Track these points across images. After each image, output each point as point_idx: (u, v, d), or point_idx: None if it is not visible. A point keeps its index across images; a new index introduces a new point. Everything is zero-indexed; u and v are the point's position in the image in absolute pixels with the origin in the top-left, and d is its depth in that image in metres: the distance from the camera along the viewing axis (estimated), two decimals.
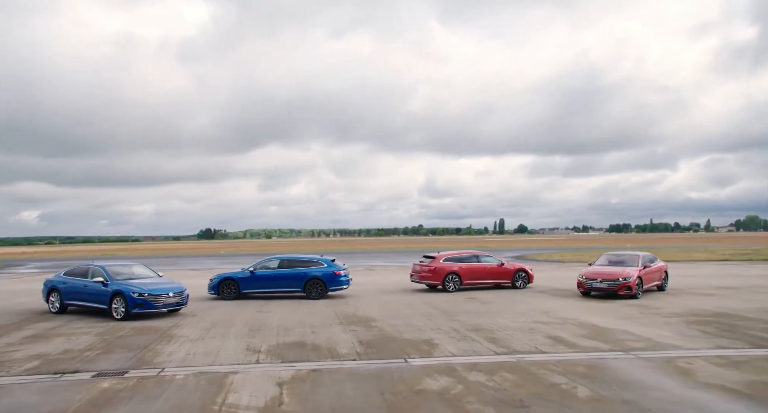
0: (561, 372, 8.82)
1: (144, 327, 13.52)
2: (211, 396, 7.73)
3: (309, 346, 11.15)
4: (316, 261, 18.98)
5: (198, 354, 10.53)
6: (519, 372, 8.83)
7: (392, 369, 9.22)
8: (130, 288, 14.66)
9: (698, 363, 9.35)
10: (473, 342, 11.26)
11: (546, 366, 9.19)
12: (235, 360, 10.05)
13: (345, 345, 11.14)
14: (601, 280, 17.89)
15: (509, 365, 9.34)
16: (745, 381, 8.18)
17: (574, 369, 8.96)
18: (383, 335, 12.19)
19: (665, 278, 19.80)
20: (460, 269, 20.19)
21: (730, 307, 15.69)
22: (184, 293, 15.56)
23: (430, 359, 9.90)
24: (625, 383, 8.14)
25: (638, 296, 17.60)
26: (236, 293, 18.57)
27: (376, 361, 9.79)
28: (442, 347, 10.87)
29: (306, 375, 8.90)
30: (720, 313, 14.65)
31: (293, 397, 7.64)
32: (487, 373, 8.80)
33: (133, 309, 14.47)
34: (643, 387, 7.92)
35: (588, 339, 11.42)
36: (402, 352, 10.46)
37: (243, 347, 11.12)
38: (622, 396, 7.48)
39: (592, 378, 8.39)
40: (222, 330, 13.00)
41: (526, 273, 21.07)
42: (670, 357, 9.81)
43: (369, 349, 10.79)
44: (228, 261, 46.95)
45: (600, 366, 9.21)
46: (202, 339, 12.00)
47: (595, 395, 7.54)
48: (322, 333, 12.53)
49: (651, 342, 11.16)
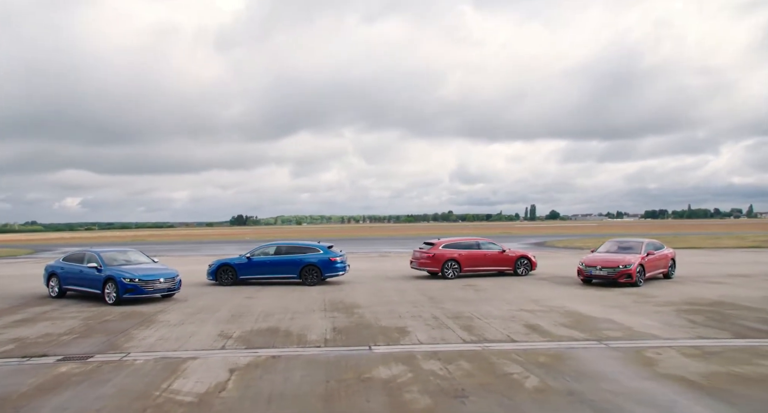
0: (521, 361, 8.62)
1: (131, 312, 13.73)
2: (158, 381, 7.78)
3: (281, 332, 11.15)
4: (313, 247, 18.99)
5: (170, 340, 10.63)
6: (477, 361, 8.66)
7: (352, 356, 9.14)
8: (121, 274, 14.90)
9: (668, 353, 9.03)
10: (447, 330, 11.10)
11: (509, 356, 8.99)
12: (203, 345, 10.10)
13: (317, 332, 11.11)
14: (600, 268, 17.47)
15: (471, 354, 9.17)
16: (707, 371, 7.87)
17: (536, 359, 8.75)
18: (360, 322, 12.12)
19: (672, 266, 19.22)
20: (460, 256, 19.96)
21: (732, 296, 15.15)
22: (176, 279, 15.74)
23: (394, 347, 9.79)
24: (581, 373, 7.90)
25: (639, 284, 17.13)
26: (233, 279, 18.74)
27: (339, 348, 9.72)
28: (413, 335, 10.74)
29: (263, 361, 8.89)
30: (718, 302, 14.15)
31: (238, 383, 7.63)
32: (444, 362, 8.65)
33: (124, 295, 14.70)
34: (597, 377, 7.67)
35: (566, 328, 11.15)
36: (370, 340, 10.37)
37: (216, 333, 11.19)
38: (570, 386, 7.26)
39: (550, 368, 8.17)
40: (205, 316, 13.11)
41: (528, 261, 20.70)
42: (643, 347, 9.50)
43: (339, 336, 10.73)
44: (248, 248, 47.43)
45: (564, 355, 8.98)
46: (182, 325, 12.11)
47: (542, 385, 7.33)
48: (301, 319, 12.52)
49: (630, 331, 10.83)
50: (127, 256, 16.60)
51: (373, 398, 6.94)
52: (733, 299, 14.61)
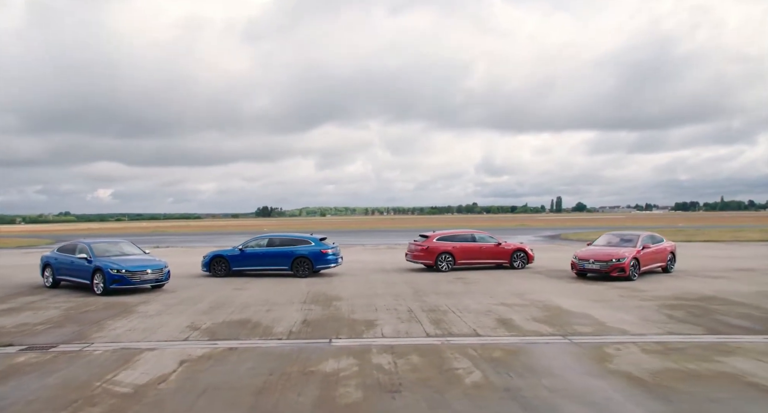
0: (474, 356, 8.51)
1: (114, 303, 13.94)
2: (105, 372, 7.87)
3: (250, 325, 11.19)
4: (304, 239, 19.02)
5: (138, 330, 10.75)
6: (430, 356, 8.57)
7: (308, 349, 9.13)
8: (108, 265, 15.12)
9: (629, 349, 8.82)
10: (415, 324, 11.02)
11: (464, 350, 8.88)
12: (168, 337, 10.19)
13: (285, 324, 11.13)
14: (593, 261, 17.15)
15: (427, 348, 9.08)
16: (659, 368, 7.66)
17: (490, 354, 8.62)
18: (333, 315, 12.10)
19: (671, 259, 18.77)
20: (454, 248, 19.79)
21: (725, 290, 14.74)
22: (164, 270, 15.92)
23: (355, 340, 9.76)
24: (529, 369, 7.76)
25: (633, 278, 16.77)
26: (227, 270, 18.89)
27: (300, 341, 9.73)
28: (379, 328, 10.69)
29: (218, 353, 8.94)
30: (708, 297, 13.78)
31: (181, 375, 7.68)
32: (396, 356, 8.59)
33: (111, 285, 14.93)
34: (543, 373, 7.53)
35: (537, 323, 10.97)
36: (334, 333, 10.35)
37: (186, 324, 11.28)
38: (510, 383, 7.13)
39: (499, 364, 8.05)
40: (184, 307, 13.23)
41: (525, 254, 20.43)
42: (607, 342, 9.30)
43: (305, 329, 10.73)
44: None
45: (521, 351, 8.83)
46: (158, 315, 12.25)
47: (482, 381, 7.22)
48: (276, 311, 12.56)
49: (602, 326, 10.61)
50: (119, 248, 16.84)
51: (306, 392, 6.90)
52: (725, 294, 14.21)
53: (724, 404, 6.34)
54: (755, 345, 9.01)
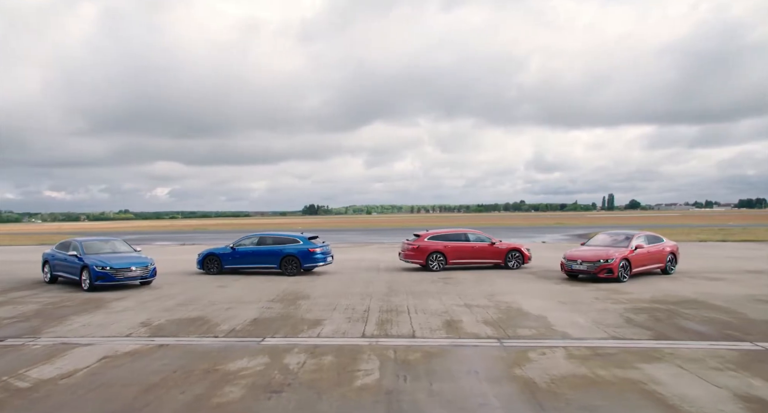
0: (389, 357, 8.45)
1: (94, 298, 14.46)
2: (20, 366, 8.19)
3: (200, 322, 11.42)
4: (293, 238, 19.20)
5: (92, 326, 11.13)
6: (344, 357, 8.55)
7: (234, 347, 9.25)
8: (94, 262, 15.69)
9: (555, 354, 8.55)
10: (359, 324, 10.99)
11: (384, 352, 8.82)
12: (114, 332, 10.52)
13: (233, 322, 11.29)
14: (581, 262, 16.65)
15: (350, 348, 9.06)
16: (564, 374, 7.42)
17: (408, 356, 8.53)
18: (287, 313, 12.22)
19: (671, 260, 18.00)
20: (445, 248, 19.57)
21: (712, 293, 14.06)
22: (149, 267, 16.38)
23: (287, 339, 9.82)
24: (431, 372, 7.65)
25: (623, 279, 16.19)
26: (219, 268, 19.28)
27: (233, 339, 9.86)
28: (321, 327, 10.72)
29: (146, 350, 9.16)
30: (688, 300, 13.18)
31: (91, 371, 7.93)
32: (312, 356, 8.61)
33: (96, 282, 15.48)
34: (441, 377, 7.40)
35: (483, 325, 10.75)
36: (273, 331, 10.45)
37: (141, 321, 11.60)
38: (398, 386, 7.06)
39: (408, 366, 7.96)
40: (153, 304, 13.61)
41: (520, 254, 20.00)
42: (538, 346, 9.04)
43: (249, 327, 10.87)
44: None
45: (443, 353, 8.70)
46: (123, 312, 12.65)
47: (372, 383, 7.17)
48: (236, 309, 12.76)
49: (547, 330, 10.32)
50: (109, 246, 17.45)
51: (190, 390, 7.00)
52: (709, 297, 13.55)
53: (592, 412, 6.07)
54: (691, 352, 8.57)
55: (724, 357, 8.30)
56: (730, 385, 6.95)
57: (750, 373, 7.44)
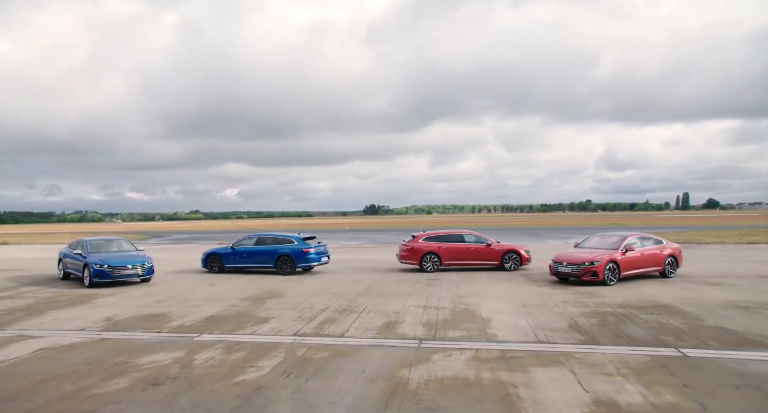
0: (293, 356, 8.73)
1: (87, 294, 15.49)
2: None
3: (158, 318, 12.07)
4: (288, 239, 19.72)
5: (60, 320, 11.99)
6: (254, 353, 8.90)
7: (166, 342, 9.78)
8: (93, 260, 16.74)
9: (461, 356, 8.60)
10: (301, 323, 11.30)
11: (296, 350, 9.11)
12: (74, 326, 11.30)
13: (189, 319, 11.88)
14: (566, 264, 16.31)
15: (269, 346, 9.40)
16: (448, 375, 7.48)
17: (313, 355, 8.79)
18: (246, 311, 12.68)
19: (671, 263, 17.30)
20: (440, 249, 19.56)
21: (691, 299, 13.48)
22: (145, 266, 17.32)
23: (223, 335, 10.26)
24: (319, 371, 7.89)
25: (609, 283, 15.75)
26: (220, 267, 20.06)
27: (172, 335, 10.41)
28: (262, 326, 11.13)
29: (85, 343, 9.84)
30: (659, 305, 12.72)
31: (18, 361, 8.62)
32: (225, 352, 9.01)
33: (94, 279, 16.52)
34: (323, 375, 7.63)
35: (421, 327, 10.85)
36: (218, 328, 10.93)
37: (106, 316, 12.39)
38: (272, 383, 7.34)
39: (305, 364, 8.24)
40: (136, 300, 14.43)
41: (517, 255, 19.71)
42: (454, 348, 9.09)
43: (198, 324, 11.40)
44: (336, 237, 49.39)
45: (351, 353, 8.92)
46: (101, 307, 13.53)
47: (252, 380, 7.47)
48: (205, 306, 13.38)
49: (479, 332, 10.32)
50: (113, 245, 18.49)
51: (82, 381, 7.52)
52: (684, 302, 13.02)
53: (433, 412, 6.15)
54: (601, 357, 8.38)
55: (629, 362, 8.09)
56: (599, 390, 6.82)
57: (636, 379, 7.25)
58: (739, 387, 6.93)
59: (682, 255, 17.87)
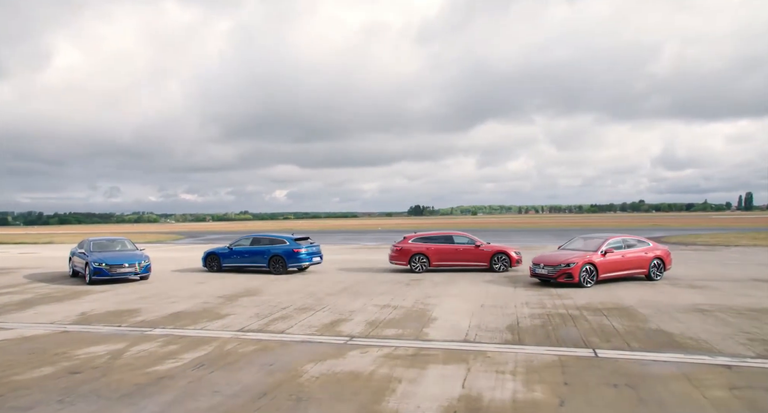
0: (220, 349, 9.23)
1: (82, 291, 16.52)
2: None
3: (128, 313, 12.86)
4: (280, 239, 20.38)
5: (40, 314, 12.93)
6: (187, 346, 9.47)
7: (118, 334, 10.50)
8: (93, 259, 17.80)
9: (377, 352, 8.90)
10: (253, 319, 11.84)
11: (225, 344, 9.61)
12: (47, 320, 12.18)
13: (154, 314, 12.60)
14: (543, 266, 16.33)
15: (204, 340, 9.95)
16: (341, 371, 7.81)
17: (238, 349, 9.28)
18: (211, 308, 13.33)
19: (657, 266, 17.05)
20: (428, 250, 19.81)
21: (656, 302, 13.32)
22: (141, 264, 18.29)
23: (174, 330, 10.90)
24: (232, 363, 8.34)
25: (586, 285, 15.69)
26: (219, 266, 20.91)
27: (131, 329, 11.12)
28: (217, 322, 11.71)
29: (44, 335, 10.64)
30: (617, 308, 12.64)
31: None
32: (162, 344, 9.62)
33: (93, 276, 17.57)
34: (231, 368, 8.08)
35: (363, 325, 11.19)
36: (174, 323, 11.59)
37: (82, 311, 13.26)
38: (181, 373, 7.84)
39: (224, 357, 8.72)
40: (122, 297, 15.33)
41: (507, 257, 19.75)
42: (377, 346, 9.39)
43: (161, 319, 12.09)
44: (363, 238, 50.01)
45: (276, 348, 9.34)
46: (86, 302, 14.43)
47: (163, 370, 8.01)
48: (178, 303, 14.10)
49: (417, 331, 10.57)
50: (114, 245, 19.56)
51: (12, 369, 8.23)
52: (644, 305, 12.90)
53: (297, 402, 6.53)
54: (509, 357, 8.55)
55: (533, 362, 8.25)
56: (477, 386, 7.04)
57: (523, 377, 7.44)
58: (616, 386, 7.03)
59: (670, 258, 17.57)
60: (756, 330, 10.14)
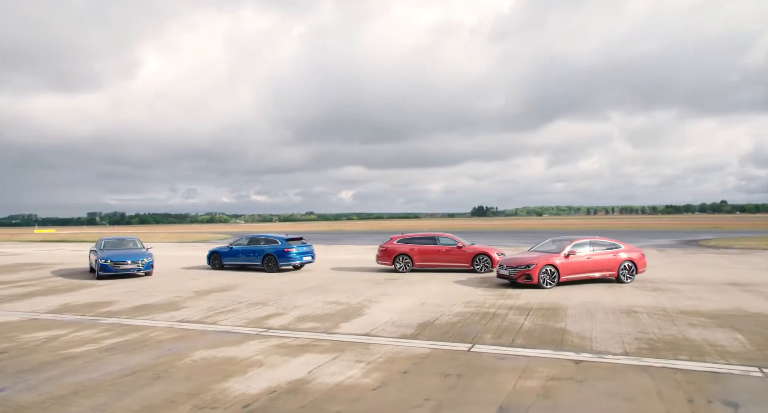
0: (147, 336, 10.41)
1: (86, 284, 18.38)
2: None
3: (101, 304, 14.35)
4: (274, 239, 21.64)
5: (31, 304, 14.65)
6: (123, 332, 10.70)
7: (76, 322, 11.91)
8: (101, 256, 19.68)
9: (279, 341, 9.87)
10: (204, 312, 13.01)
11: (154, 332, 10.80)
12: (30, 309, 13.84)
13: (125, 306, 14.03)
14: (505, 267, 16.77)
15: (144, 328, 11.19)
16: (232, 356, 8.79)
17: (163, 337, 10.45)
18: (177, 301, 14.64)
19: (627, 268, 17.09)
20: (411, 251, 20.52)
21: (598, 303, 13.41)
22: (145, 261, 20.00)
23: (127, 320, 12.17)
24: (149, 348, 9.49)
25: (545, 286, 16.02)
26: (220, 264, 22.44)
27: (93, 318, 12.52)
28: (169, 313, 12.96)
29: (12, 322, 12.21)
30: (550, 308, 12.86)
31: None
32: (104, 330, 10.91)
33: (100, 272, 19.43)
34: (147, 353, 9.23)
35: (294, 320, 12.08)
36: (128, 314, 12.93)
37: (65, 302, 14.89)
38: (96, 356, 9.08)
39: (144, 343, 9.85)
40: (111, 290, 16.97)
41: (488, 258, 20.16)
42: (287, 337, 10.28)
43: (127, 310, 13.47)
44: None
45: (197, 337, 10.38)
46: (77, 295, 16.10)
47: (82, 352, 9.27)
48: (155, 296, 15.52)
49: (335, 326, 11.38)
50: (124, 243, 21.42)
51: None
52: (581, 306, 13.06)
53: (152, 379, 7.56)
54: (390, 349, 9.13)
55: (401, 353, 8.84)
56: (322, 373, 7.77)
57: (376, 366, 8.05)
58: (447, 376, 7.63)
59: (644, 261, 17.52)
60: (655, 331, 10.35)
